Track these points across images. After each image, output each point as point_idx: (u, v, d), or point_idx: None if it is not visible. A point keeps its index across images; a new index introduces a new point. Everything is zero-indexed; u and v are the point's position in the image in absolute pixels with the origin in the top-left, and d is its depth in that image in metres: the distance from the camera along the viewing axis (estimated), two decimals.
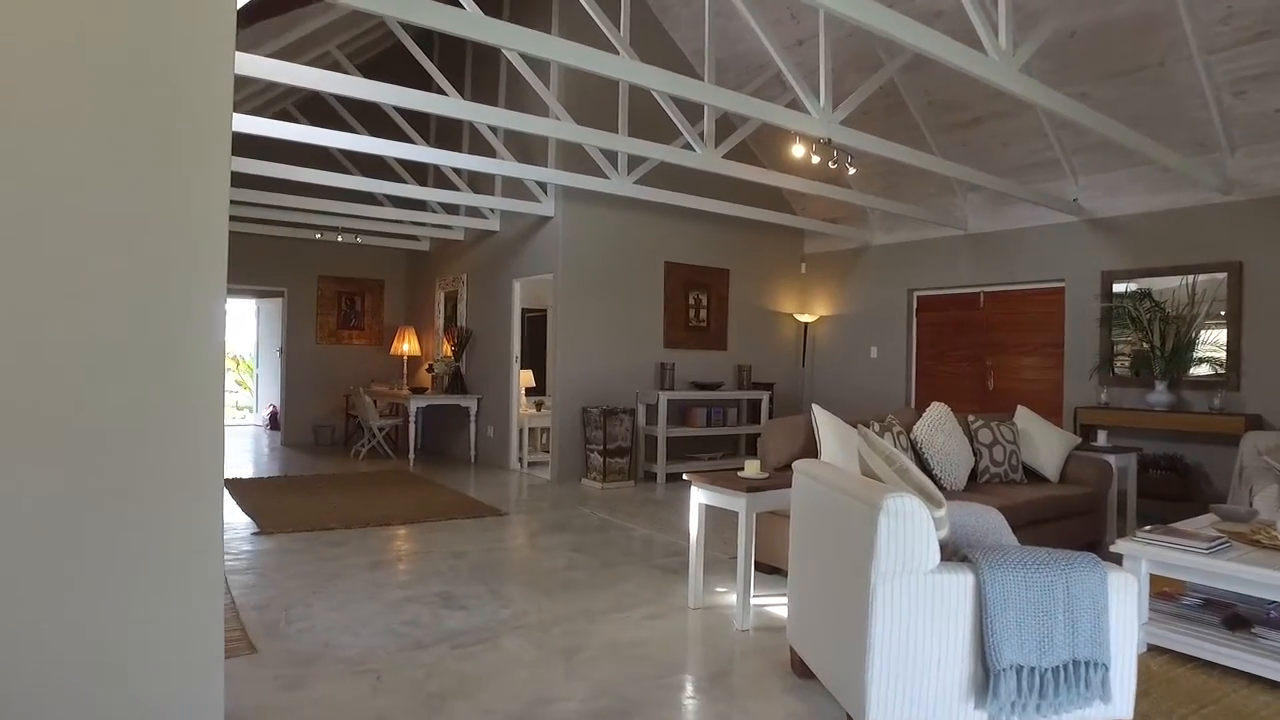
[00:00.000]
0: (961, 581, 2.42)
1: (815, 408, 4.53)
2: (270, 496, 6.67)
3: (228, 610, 3.62)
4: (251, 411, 13.38)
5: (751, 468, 3.87)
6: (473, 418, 9.06)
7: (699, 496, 3.90)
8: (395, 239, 10.31)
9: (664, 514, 6.33)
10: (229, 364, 15.07)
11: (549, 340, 7.88)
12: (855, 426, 4.26)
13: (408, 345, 10.35)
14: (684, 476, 4.13)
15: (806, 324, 9.62)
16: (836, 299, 9.45)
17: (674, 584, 4.34)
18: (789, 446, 4.53)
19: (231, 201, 8.38)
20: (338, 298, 10.68)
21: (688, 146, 6.16)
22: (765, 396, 8.82)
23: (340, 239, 9.39)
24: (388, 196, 9.69)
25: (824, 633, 2.79)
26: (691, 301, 8.78)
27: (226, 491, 6.78)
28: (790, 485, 3.73)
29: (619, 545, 5.26)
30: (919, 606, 2.39)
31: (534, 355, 9.74)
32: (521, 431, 8.60)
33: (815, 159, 5.09)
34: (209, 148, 1.91)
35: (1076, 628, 2.40)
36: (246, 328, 13.04)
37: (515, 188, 8.29)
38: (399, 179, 8.71)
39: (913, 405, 8.58)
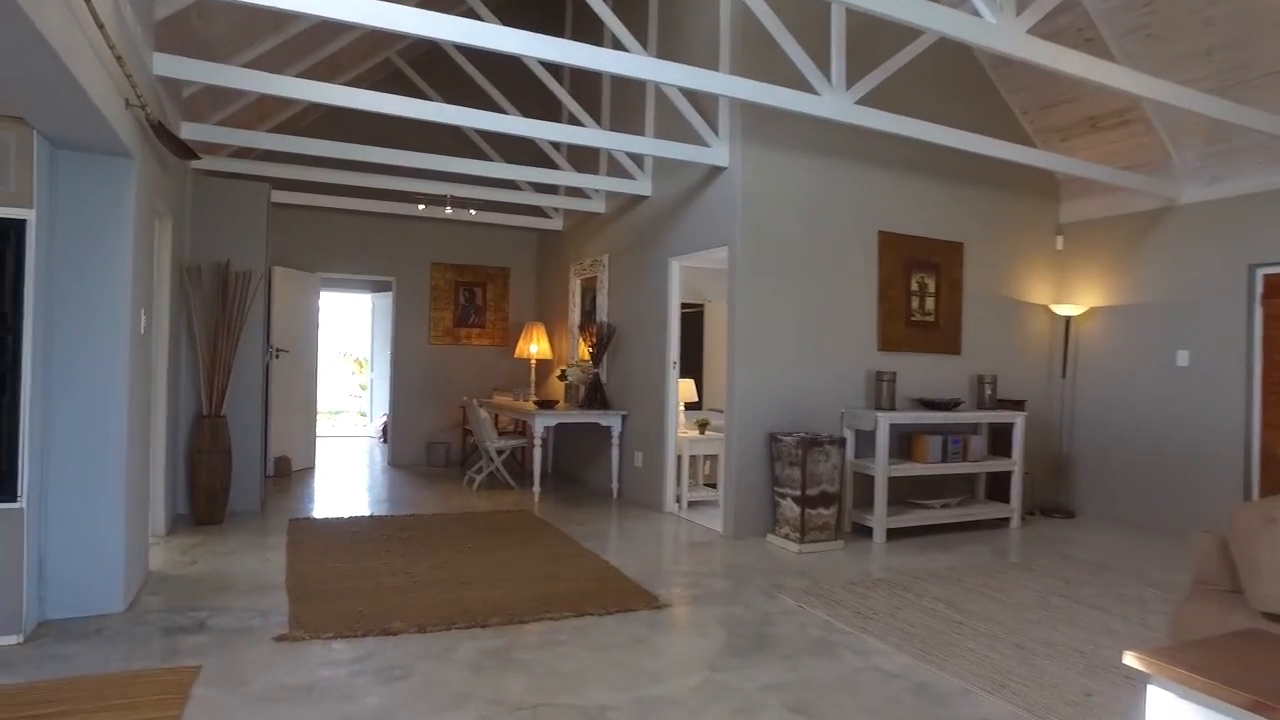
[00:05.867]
0: None
1: None
2: (335, 555, 4.79)
3: None
4: (369, 420, 11.94)
5: None
6: (615, 440, 6.96)
7: None
8: (520, 215, 8.38)
9: (909, 612, 3.95)
10: (352, 366, 13.81)
11: (728, 338, 5.64)
12: None
13: (536, 346, 8.41)
14: (1144, 671, 1.77)
15: (1068, 319, 6.93)
16: (1115, 284, 6.71)
17: None
18: None
19: (308, 161, 6.64)
20: (454, 289, 8.87)
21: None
22: (1018, 420, 6.24)
23: (448, 211, 7.51)
24: (486, 136, 7.86)
25: None
26: (915, 287, 6.32)
27: (283, 545, 4.97)
28: None
29: (873, 696, 2.94)
30: None
31: (685, 361, 7.58)
32: (680, 460, 6.42)
33: None
34: None
35: None
36: (362, 326, 11.57)
37: (674, 125, 6.13)
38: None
39: (1258, 435, 5.75)
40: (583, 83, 7.78)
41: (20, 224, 3.28)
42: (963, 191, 6.53)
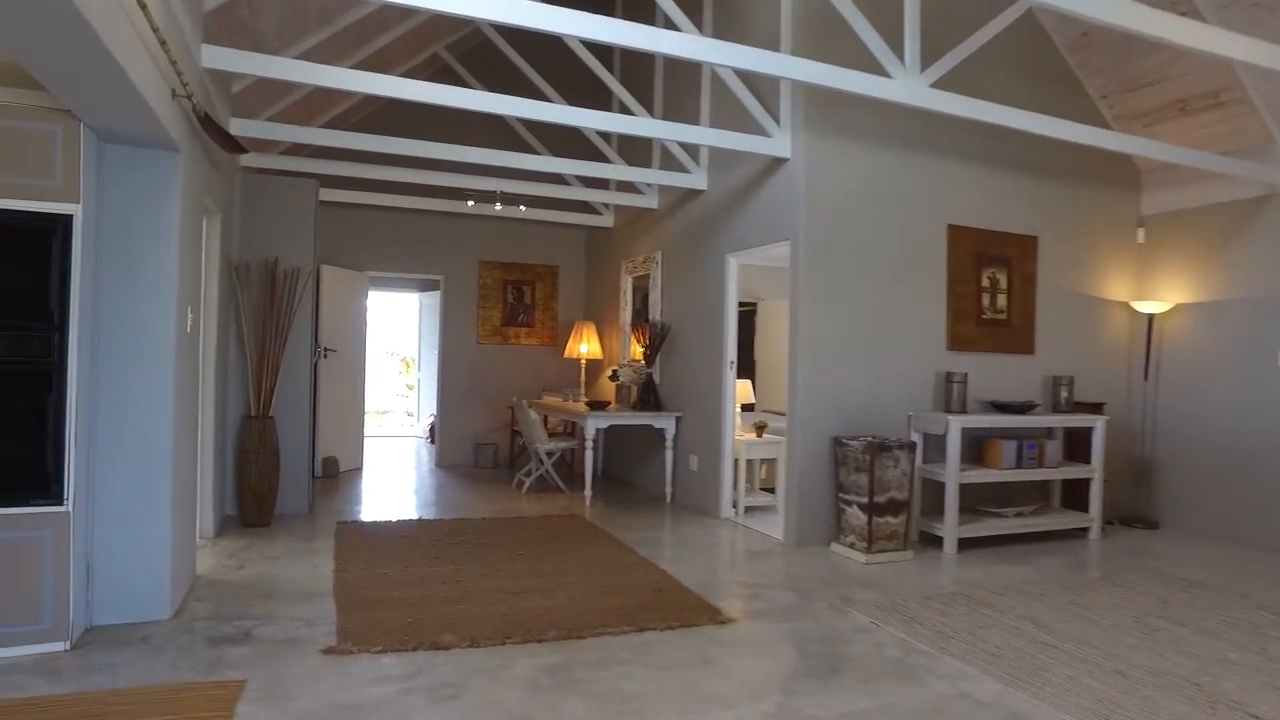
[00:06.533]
0: None
1: None
2: (383, 560, 4.65)
3: None
4: (417, 420, 11.90)
5: None
6: (669, 442, 6.74)
7: None
8: (570, 211, 8.21)
9: (993, 630, 3.65)
10: (399, 366, 13.80)
11: (790, 337, 5.37)
12: None
13: (586, 346, 8.24)
14: None
15: (1151, 317, 6.51)
16: (1204, 279, 6.27)
17: None
18: None
19: (356, 157, 6.56)
20: (503, 287, 8.74)
21: None
22: (1098, 424, 5.87)
23: (498, 207, 7.37)
24: (535, 131, 7.73)
25: None
26: (986, 283, 5.98)
27: (331, 549, 4.85)
28: None
29: None
30: None
31: (738, 361, 7.34)
32: (737, 464, 6.18)
33: None
34: None
35: None
36: (409, 325, 11.53)
37: (732, 115, 5.89)
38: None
39: None
40: (634, 72, 7.58)
41: (67, 219, 3.17)
42: (1036, 183, 6.17)
